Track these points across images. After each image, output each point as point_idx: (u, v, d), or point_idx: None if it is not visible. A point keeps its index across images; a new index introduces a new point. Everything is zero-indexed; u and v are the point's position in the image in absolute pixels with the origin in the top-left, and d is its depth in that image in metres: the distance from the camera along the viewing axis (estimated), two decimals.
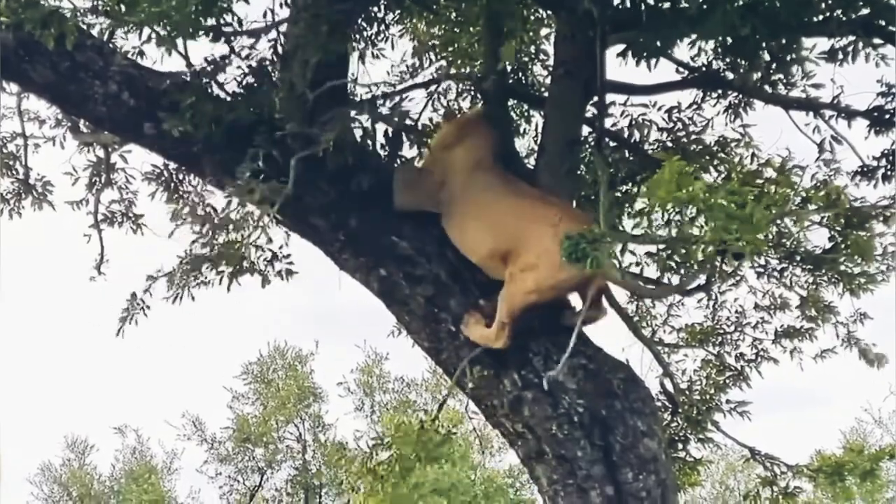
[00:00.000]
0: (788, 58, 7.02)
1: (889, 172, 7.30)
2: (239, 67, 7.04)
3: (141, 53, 6.93)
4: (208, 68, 6.86)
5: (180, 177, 7.96)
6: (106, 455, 44.09)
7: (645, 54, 6.45)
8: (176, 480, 35.37)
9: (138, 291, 7.62)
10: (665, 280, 6.89)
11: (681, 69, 7.62)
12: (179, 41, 6.40)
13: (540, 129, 7.62)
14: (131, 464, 35.21)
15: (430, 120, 8.02)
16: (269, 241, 7.26)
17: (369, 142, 7.08)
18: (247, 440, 33.24)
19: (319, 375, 33.79)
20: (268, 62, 7.10)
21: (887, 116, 7.17)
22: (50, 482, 35.27)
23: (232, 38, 6.91)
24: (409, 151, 7.44)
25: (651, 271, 7.64)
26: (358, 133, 6.95)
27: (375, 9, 7.59)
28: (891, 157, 7.29)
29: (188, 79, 6.84)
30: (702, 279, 7.06)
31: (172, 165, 7.87)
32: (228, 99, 6.88)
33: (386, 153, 7.27)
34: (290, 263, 7.47)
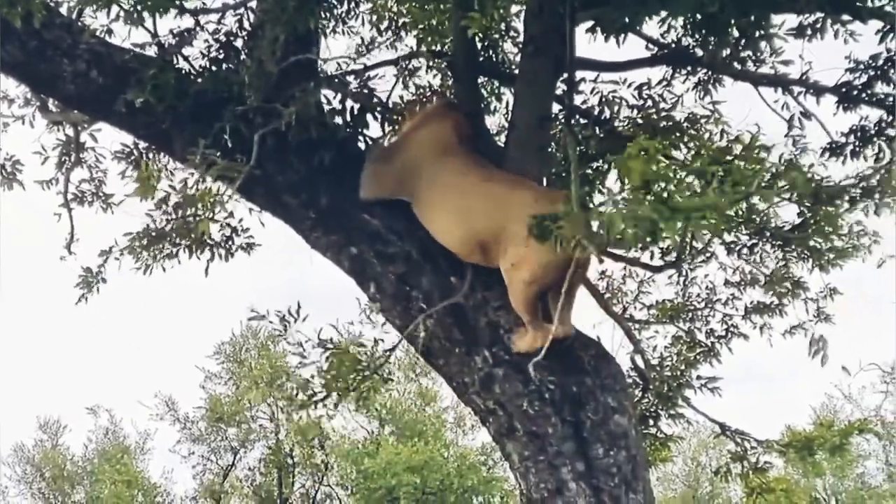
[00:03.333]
0: (757, 34, 7.02)
1: (857, 149, 7.34)
2: (206, 41, 7.03)
3: (109, 31, 6.89)
4: (173, 41, 6.84)
5: (150, 155, 7.92)
6: (79, 435, 44.10)
7: (614, 30, 6.46)
8: (149, 460, 35.40)
9: (93, 266, 7.62)
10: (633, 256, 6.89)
11: (650, 46, 7.63)
12: (147, 17, 6.37)
13: (510, 106, 7.62)
14: (104, 444, 35.17)
15: (401, 98, 8.01)
16: (230, 215, 7.29)
17: (338, 118, 7.06)
18: (220, 420, 33.21)
19: (292, 355, 33.68)
20: (234, 37, 7.07)
21: (855, 93, 7.21)
22: (23, 463, 35.20)
23: (198, 13, 6.89)
24: (374, 128, 7.46)
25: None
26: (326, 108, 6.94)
27: None
28: (859, 134, 7.33)
29: (152, 53, 6.82)
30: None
31: (142, 144, 7.84)
32: (193, 72, 6.86)
33: (349, 129, 7.25)
34: (250, 237, 7.48)
